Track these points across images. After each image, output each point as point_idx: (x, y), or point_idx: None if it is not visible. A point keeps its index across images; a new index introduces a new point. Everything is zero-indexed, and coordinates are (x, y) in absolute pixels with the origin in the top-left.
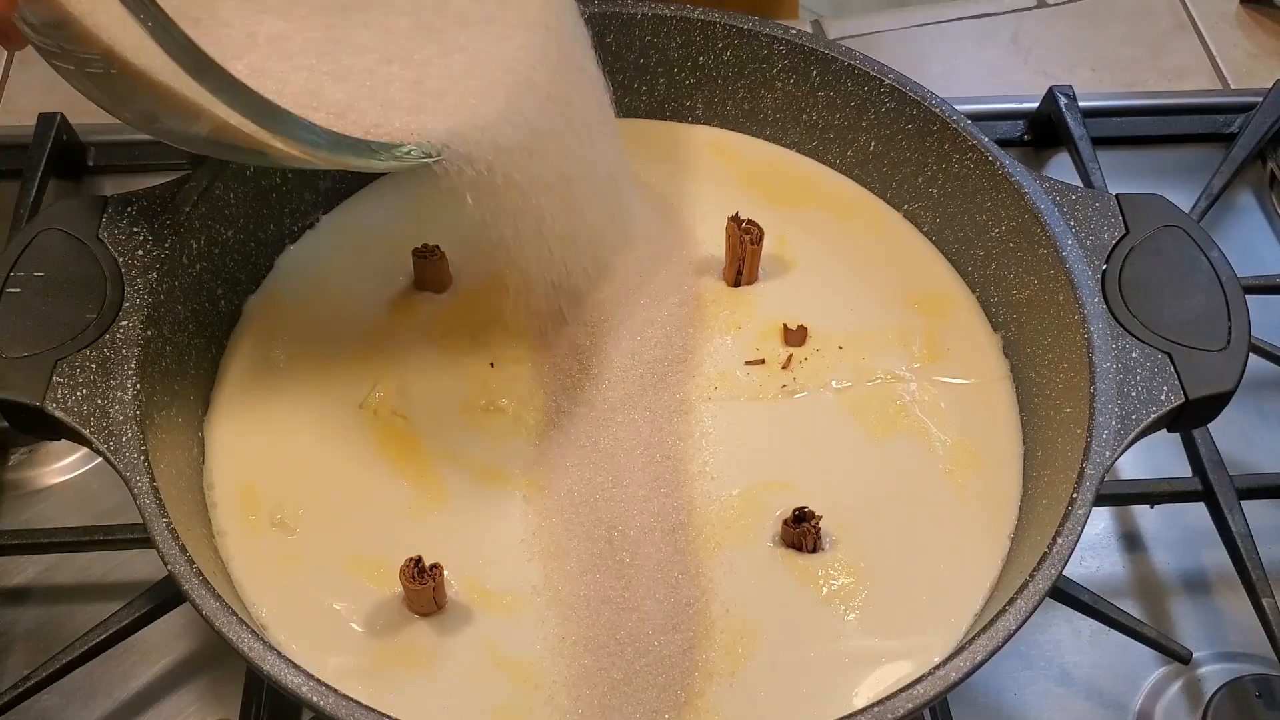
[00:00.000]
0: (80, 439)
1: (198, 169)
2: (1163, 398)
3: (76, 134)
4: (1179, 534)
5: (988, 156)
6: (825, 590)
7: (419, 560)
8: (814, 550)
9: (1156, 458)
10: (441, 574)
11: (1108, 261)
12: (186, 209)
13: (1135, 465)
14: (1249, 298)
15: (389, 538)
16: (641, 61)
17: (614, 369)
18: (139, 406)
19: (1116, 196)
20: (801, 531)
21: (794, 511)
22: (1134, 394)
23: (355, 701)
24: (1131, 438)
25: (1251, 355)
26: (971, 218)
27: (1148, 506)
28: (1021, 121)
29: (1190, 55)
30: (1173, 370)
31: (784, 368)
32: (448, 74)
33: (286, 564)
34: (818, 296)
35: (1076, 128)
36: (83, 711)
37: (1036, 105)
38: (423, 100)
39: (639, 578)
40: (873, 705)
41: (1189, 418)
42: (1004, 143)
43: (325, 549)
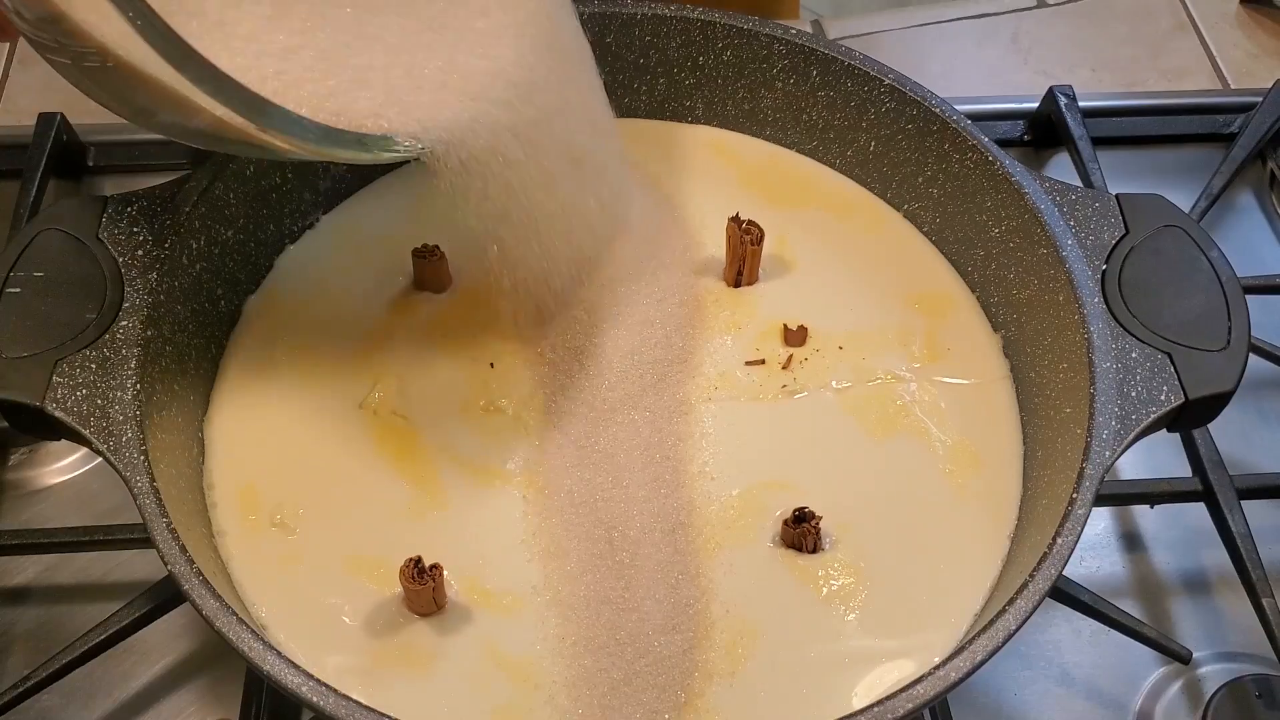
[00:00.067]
0: (80, 439)
1: (198, 169)
2: (1163, 398)
3: (76, 134)
4: (1179, 534)
5: (988, 156)
6: (825, 590)
7: (419, 560)
8: (814, 550)
9: (1156, 458)
10: (441, 574)
11: (1108, 261)
12: (186, 209)
13: (1135, 465)
14: (1249, 298)
15: (389, 538)
16: (641, 61)
17: (614, 369)
18: (139, 406)
19: (1116, 196)
20: (801, 532)
21: (794, 512)
22: (1134, 394)
23: (355, 701)
24: (1131, 438)
25: (1251, 355)
26: (971, 218)
27: (1148, 506)
28: (1021, 121)
29: (1190, 55)
30: (1173, 370)
31: (784, 368)
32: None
33: (286, 564)
34: (818, 297)
35: (1076, 128)
36: (83, 711)
37: (1036, 105)
38: (414, 92)
39: (639, 578)
40: (873, 705)
41: (1189, 418)
42: (1004, 143)
43: (325, 549)
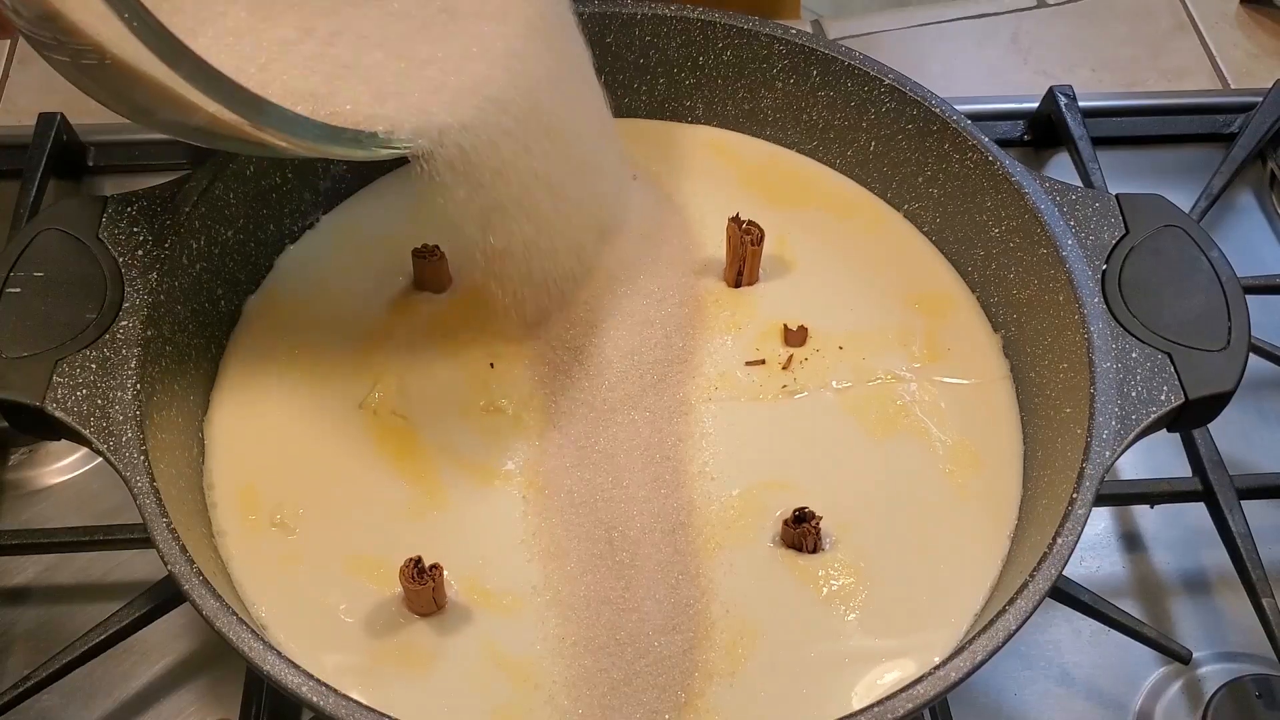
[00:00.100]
0: (80, 439)
1: (198, 169)
2: (1163, 398)
3: (76, 134)
4: (1179, 534)
5: (988, 156)
6: (825, 590)
7: (419, 560)
8: (814, 550)
9: (1156, 458)
10: (441, 574)
11: (1108, 261)
12: (186, 209)
13: (1135, 465)
14: (1249, 298)
15: (389, 538)
16: (641, 61)
17: (614, 369)
18: (139, 406)
19: (1116, 196)
20: (802, 532)
21: (794, 512)
22: (1134, 394)
23: (355, 701)
24: (1131, 438)
25: (1251, 355)
26: (971, 218)
27: (1148, 506)
28: (1021, 121)
29: (1190, 55)
30: (1173, 370)
31: (784, 368)
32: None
33: (286, 564)
34: (818, 297)
35: (1076, 128)
36: (83, 711)
37: (1036, 105)
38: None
39: (639, 578)
40: (873, 705)
41: (1189, 418)
42: (1004, 143)
43: (325, 549)
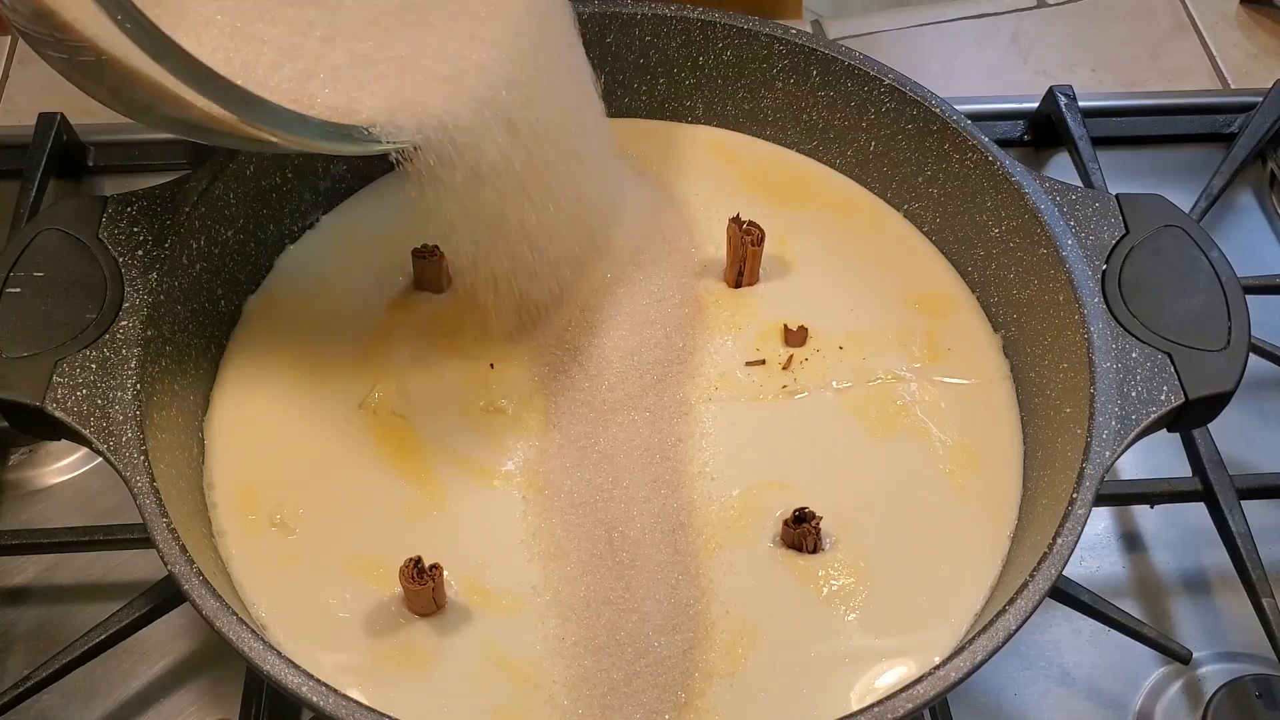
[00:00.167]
0: (80, 439)
1: (198, 169)
2: (1163, 398)
3: (76, 134)
4: (1179, 534)
5: (988, 156)
6: (825, 590)
7: (419, 560)
8: (814, 550)
9: (1156, 458)
10: (441, 574)
11: (1108, 261)
12: (186, 209)
13: (1135, 465)
14: (1249, 298)
15: (389, 538)
16: (641, 61)
17: (614, 370)
18: (139, 406)
19: (1116, 196)
20: (802, 532)
21: (794, 512)
22: (1134, 394)
23: (355, 701)
24: (1131, 438)
25: (1251, 355)
26: (971, 218)
27: (1148, 506)
28: (1021, 121)
29: (1190, 55)
30: (1173, 370)
31: (784, 368)
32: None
33: (286, 564)
34: (818, 297)
35: (1076, 128)
36: (83, 711)
37: (1036, 105)
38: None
39: (639, 578)
40: (873, 705)
41: (1189, 418)
42: (1004, 143)
43: (325, 549)
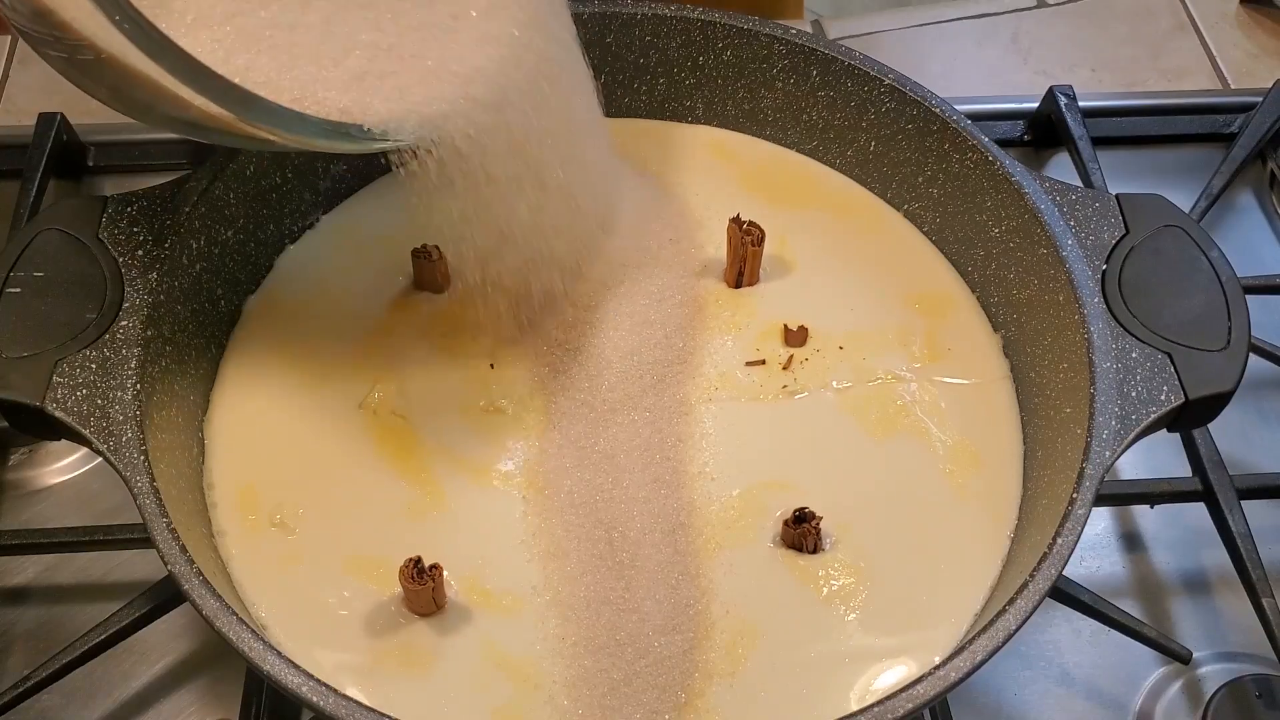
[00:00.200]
0: (80, 439)
1: (198, 169)
2: (1163, 398)
3: (76, 134)
4: (1179, 534)
5: (988, 156)
6: (825, 590)
7: (418, 560)
8: (814, 550)
9: (1156, 458)
10: (441, 574)
11: (1108, 261)
12: (186, 209)
13: (1135, 465)
14: (1249, 298)
15: (389, 538)
16: (641, 61)
17: (614, 370)
18: (139, 406)
19: (1116, 196)
20: (802, 532)
21: (794, 512)
22: (1134, 394)
23: (355, 701)
24: (1131, 438)
25: (1251, 355)
26: (971, 218)
27: (1148, 506)
28: (1021, 121)
29: (1190, 55)
30: (1173, 370)
31: (784, 368)
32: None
33: (286, 564)
34: (818, 297)
35: (1076, 128)
36: (83, 711)
37: (1036, 105)
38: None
39: (639, 578)
40: (873, 705)
41: (1189, 418)
42: (1004, 143)
43: (325, 549)
